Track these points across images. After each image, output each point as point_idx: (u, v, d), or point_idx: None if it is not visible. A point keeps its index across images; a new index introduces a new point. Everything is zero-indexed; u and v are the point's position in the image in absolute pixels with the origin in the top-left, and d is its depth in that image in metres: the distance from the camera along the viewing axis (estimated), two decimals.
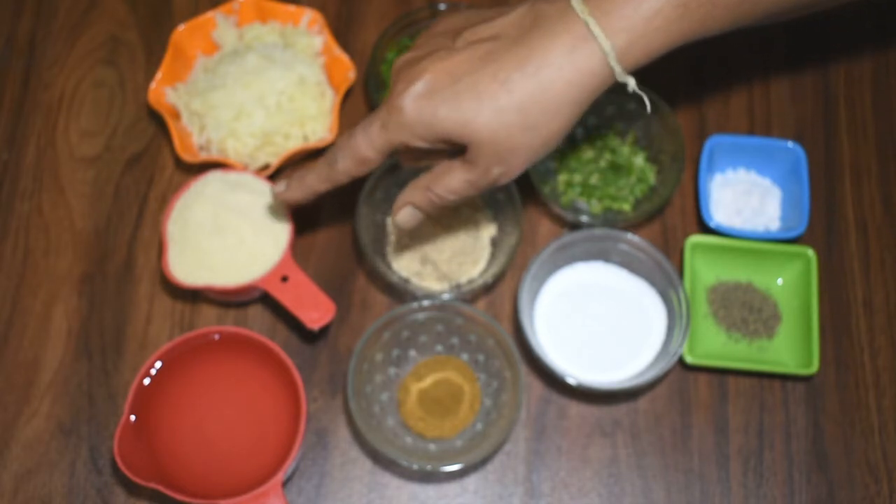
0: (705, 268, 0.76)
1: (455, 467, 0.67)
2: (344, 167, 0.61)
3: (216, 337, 0.69)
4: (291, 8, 0.82)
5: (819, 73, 0.85)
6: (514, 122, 0.56)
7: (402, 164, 0.71)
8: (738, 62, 0.84)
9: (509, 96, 0.56)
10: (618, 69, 0.56)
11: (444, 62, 0.57)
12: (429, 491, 0.71)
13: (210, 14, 0.81)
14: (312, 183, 0.64)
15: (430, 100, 0.57)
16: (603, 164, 0.78)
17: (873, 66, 0.85)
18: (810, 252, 0.74)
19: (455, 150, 0.60)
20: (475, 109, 0.56)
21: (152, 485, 0.64)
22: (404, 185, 0.76)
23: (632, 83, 0.57)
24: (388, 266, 0.75)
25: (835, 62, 0.85)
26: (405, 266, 0.75)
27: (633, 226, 0.78)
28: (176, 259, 0.71)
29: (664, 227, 0.79)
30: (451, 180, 0.60)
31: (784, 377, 0.74)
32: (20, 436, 0.72)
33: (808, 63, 0.85)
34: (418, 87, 0.57)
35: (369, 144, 0.59)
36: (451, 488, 0.71)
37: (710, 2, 0.55)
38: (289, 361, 0.67)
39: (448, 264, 0.74)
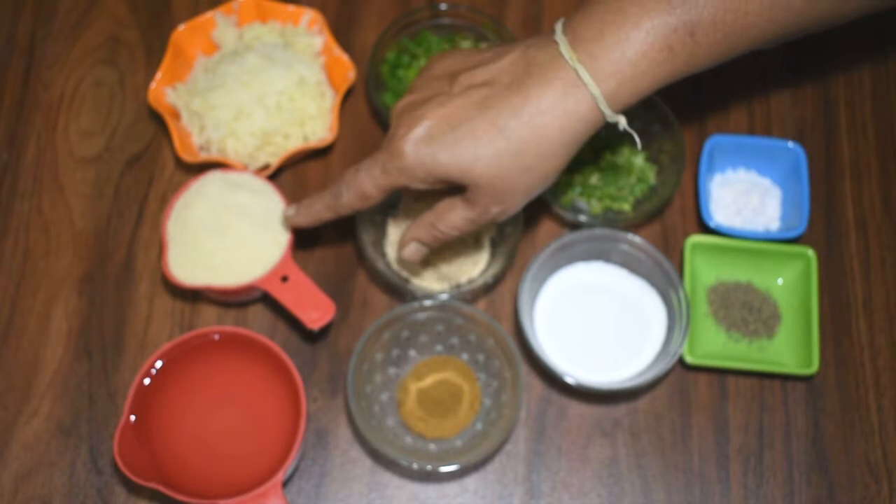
0: (705, 268, 0.76)
1: (455, 467, 0.67)
2: (348, 201, 0.64)
3: (216, 337, 0.69)
4: (291, 8, 0.82)
5: (819, 73, 0.85)
6: (511, 166, 0.59)
7: (405, 200, 0.73)
8: (738, 62, 0.84)
9: (506, 142, 0.58)
10: (608, 112, 0.58)
11: (442, 108, 0.59)
12: (429, 491, 0.71)
13: (210, 14, 0.81)
14: (319, 211, 0.67)
15: (429, 145, 0.59)
16: (603, 164, 0.78)
17: (873, 67, 0.85)
18: (810, 252, 0.74)
19: (455, 187, 0.62)
20: (474, 154, 0.59)
21: (152, 485, 0.64)
22: None
23: (622, 123, 0.59)
24: (388, 266, 0.75)
25: (835, 62, 0.85)
26: (405, 266, 0.75)
27: (633, 226, 0.78)
28: (176, 259, 0.71)
29: (664, 227, 0.79)
30: (453, 218, 0.63)
31: (784, 377, 0.74)
32: (20, 436, 0.72)
33: (807, 63, 0.85)
34: (418, 132, 0.59)
35: (372, 184, 0.62)
36: (451, 488, 0.71)
37: (694, 42, 0.57)
38: (289, 361, 0.67)
39: (448, 264, 0.74)
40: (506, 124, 0.58)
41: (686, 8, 0.56)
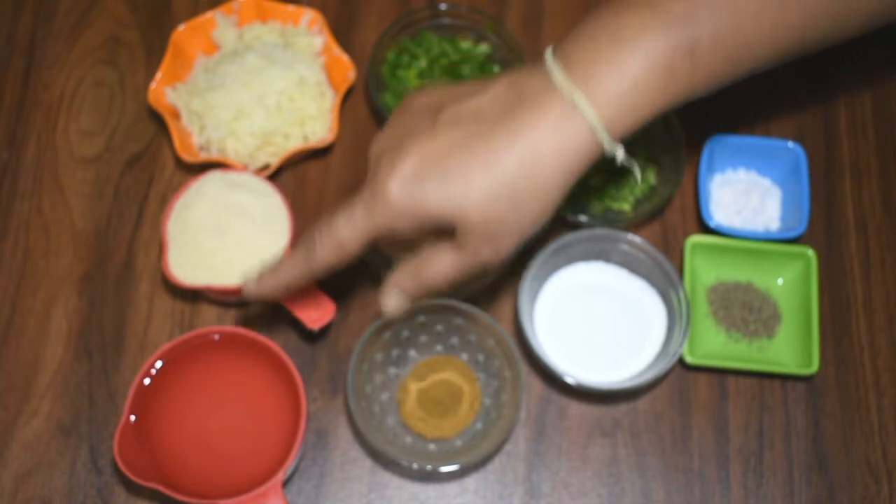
0: (705, 268, 0.76)
1: (455, 467, 0.67)
2: (322, 255, 0.58)
3: (216, 337, 0.69)
4: (291, 8, 0.82)
5: (819, 73, 0.85)
6: (504, 204, 0.54)
7: (382, 253, 0.67)
8: None
9: (499, 178, 0.54)
10: (606, 142, 0.54)
11: (429, 143, 0.55)
12: (429, 491, 0.71)
13: (210, 14, 0.81)
14: (286, 275, 0.60)
15: (417, 183, 0.54)
16: (603, 164, 0.78)
17: (873, 66, 0.85)
18: (810, 252, 0.74)
19: (439, 235, 0.58)
20: (465, 192, 0.54)
21: (152, 485, 0.64)
22: None
23: (620, 154, 0.56)
24: (389, 266, 0.74)
25: (835, 61, 0.85)
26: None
27: (633, 226, 0.78)
28: (176, 259, 0.71)
29: (664, 227, 0.79)
30: (440, 265, 0.58)
31: (784, 377, 0.74)
32: (20, 436, 0.72)
33: (808, 63, 0.85)
34: (404, 169, 0.54)
35: (351, 230, 0.56)
36: (451, 488, 0.71)
37: (694, 63, 0.54)
38: (289, 361, 0.67)
39: None
40: (498, 159, 0.53)
41: (685, 27, 0.53)
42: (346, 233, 0.56)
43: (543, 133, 0.53)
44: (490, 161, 0.54)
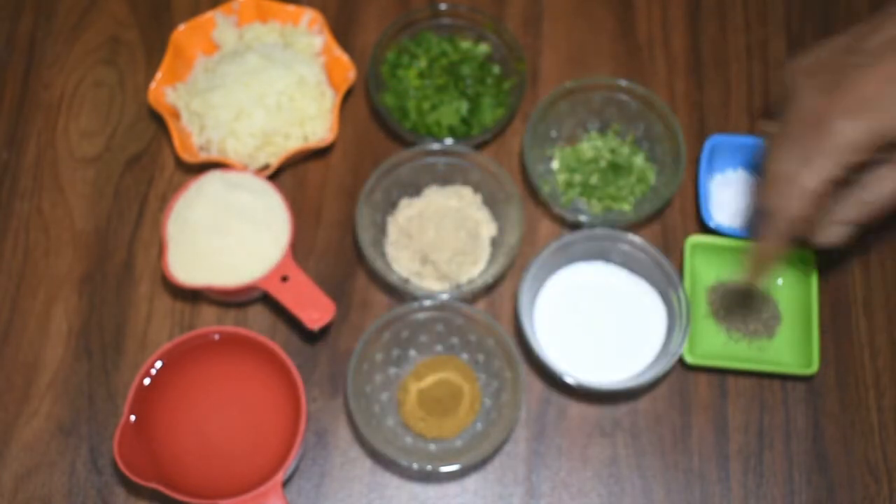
0: (705, 268, 0.76)
1: (455, 467, 0.67)
2: (796, 209, 0.56)
3: (216, 337, 0.69)
4: (291, 8, 0.82)
5: None
6: None
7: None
8: (738, 62, 0.84)
9: None
10: None
11: (871, 67, 0.53)
12: (429, 491, 0.71)
13: (210, 14, 0.81)
14: (774, 250, 0.60)
15: (876, 112, 0.52)
16: (603, 164, 0.78)
17: None
18: (810, 252, 0.74)
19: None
20: None
21: (152, 485, 0.64)
22: (404, 185, 0.76)
23: None
24: (388, 266, 0.75)
25: None
26: (405, 266, 0.75)
27: (633, 226, 0.78)
28: (176, 259, 0.71)
29: (664, 227, 0.79)
30: (890, 186, 0.57)
31: (784, 377, 0.74)
32: (20, 436, 0.72)
33: None
34: (850, 101, 0.53)
35: (817, 178, 0.54)
36: (451, 488, 0.71)
37: None
38: (289, 361, 0.67)
39: (448, 264, 0.74)
40: None
41: None
42: (812, 183, 0.55)
43: None
44: None
